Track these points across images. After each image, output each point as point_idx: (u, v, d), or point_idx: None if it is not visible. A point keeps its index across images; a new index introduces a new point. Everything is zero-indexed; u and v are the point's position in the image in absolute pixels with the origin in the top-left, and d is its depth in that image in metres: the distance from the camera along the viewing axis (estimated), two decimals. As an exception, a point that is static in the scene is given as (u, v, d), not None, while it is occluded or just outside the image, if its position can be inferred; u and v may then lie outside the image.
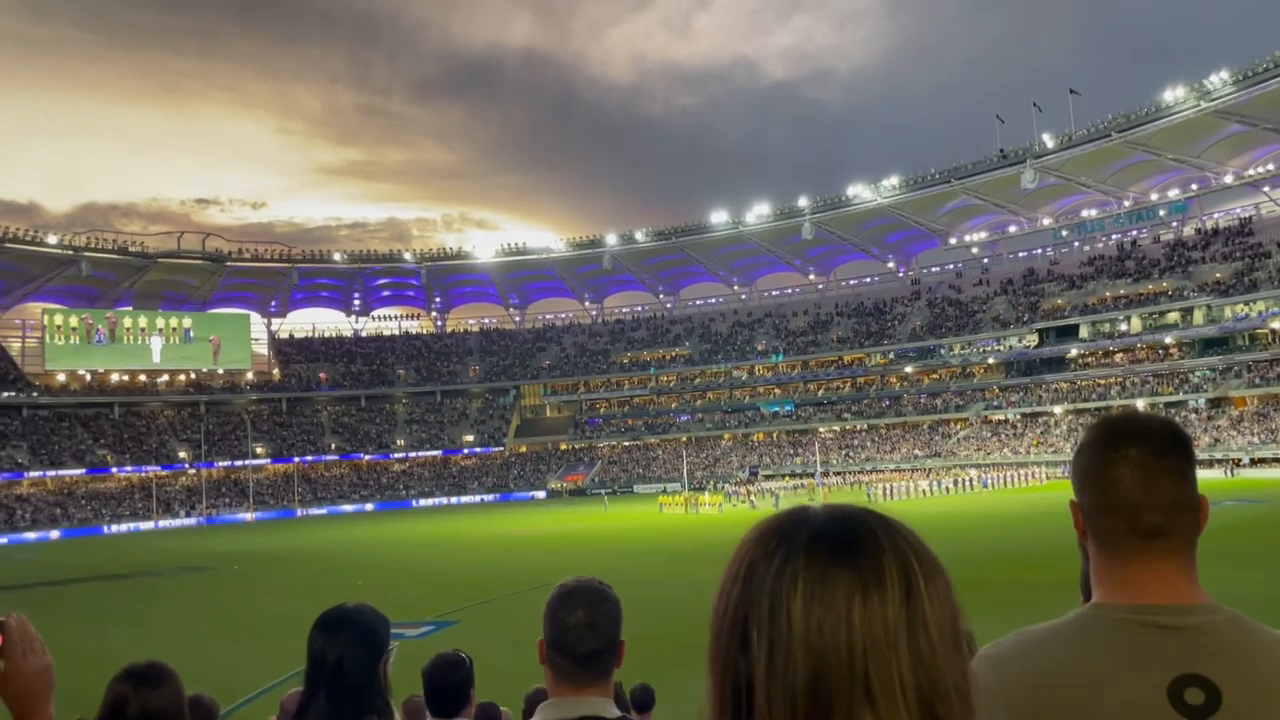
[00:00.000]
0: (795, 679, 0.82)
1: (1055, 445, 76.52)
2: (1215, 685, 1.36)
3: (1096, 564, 1.57)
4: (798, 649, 0.83)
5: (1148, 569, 1.49)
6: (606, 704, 2.19)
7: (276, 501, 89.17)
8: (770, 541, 0.90)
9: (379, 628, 2.38)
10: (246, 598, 31.20)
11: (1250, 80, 69.26)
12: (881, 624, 0.83)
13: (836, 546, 0.87)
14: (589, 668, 2.20)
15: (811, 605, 0.84)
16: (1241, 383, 70.60)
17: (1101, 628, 1.47)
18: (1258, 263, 74.08)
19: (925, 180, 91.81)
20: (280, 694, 6.76)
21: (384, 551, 44.14)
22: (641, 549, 37.12)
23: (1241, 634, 1.41)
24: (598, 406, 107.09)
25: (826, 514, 0.92)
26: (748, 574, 0.89)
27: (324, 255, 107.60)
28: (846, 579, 0.85)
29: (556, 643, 2.20)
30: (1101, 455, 1.55)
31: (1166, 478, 1.50)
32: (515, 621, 21.93)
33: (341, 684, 2.25)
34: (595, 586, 2.28)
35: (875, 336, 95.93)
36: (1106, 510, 1.53)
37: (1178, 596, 1.46)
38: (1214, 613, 1.44)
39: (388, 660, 2.38)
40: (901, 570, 0.86)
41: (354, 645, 2.30)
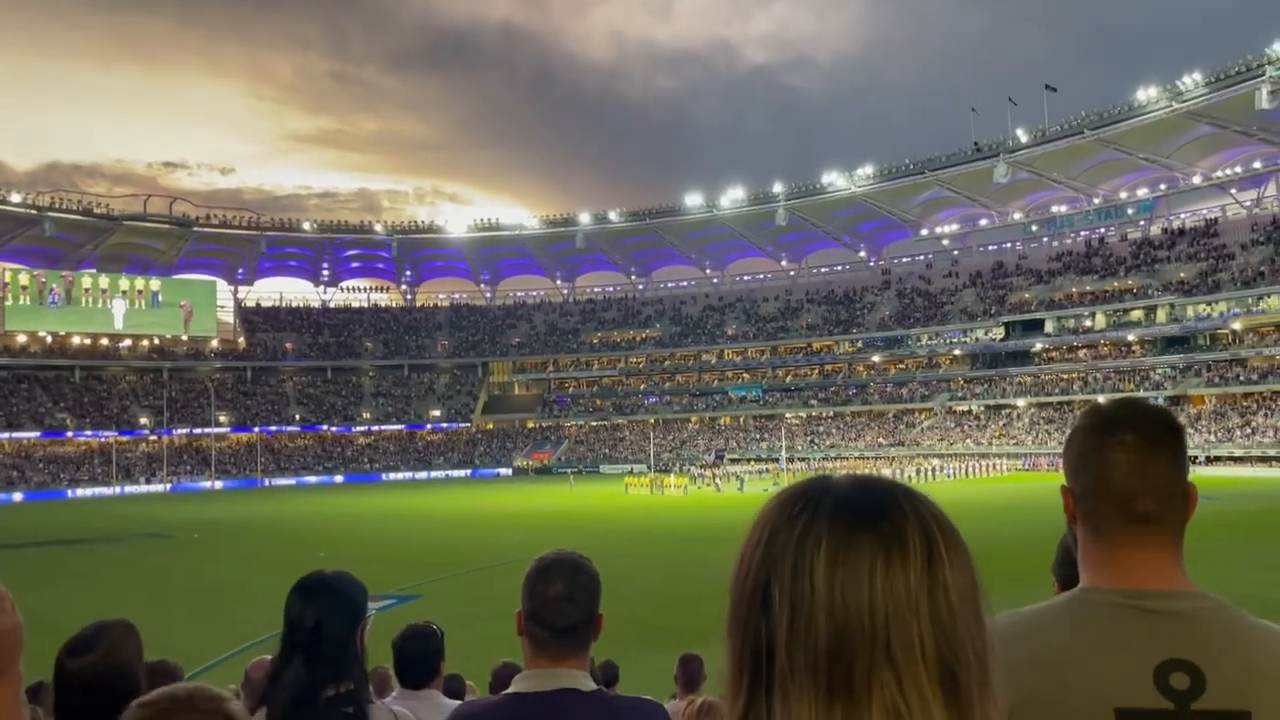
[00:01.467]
0: (817, 641, 0.84)
1: (1017, 438, 77.54)
2: (1200, 670, 1.38)
3: (1086, 548, 1.58)
4: (820, 611, 0.84)
5: (1138, 554, 1.51)
6: (583, 676, 2.21)
7: (239, 471, 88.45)
8: (794, 507, 0.91)
9: (357, 595, 2.39)
10: (206, 566, 30.98)
11: (1222, 83, 70.09)
12: (904, 588, 0.85)
13: (860, 512, 0.88)
14: (567, 640, 2.21)
15: (835, 569, 0.85)
16: (1201, 382, 71.80)
17: (1091, 610, 1.49)
18: (1221, 264, 75.24)
19: (899, 171, 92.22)
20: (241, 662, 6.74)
21: (347, 524, 43.94)
22: (606, 529, 37.23)
23: (1227, 621, 1.43)
24: (566, 386, 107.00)
25: (850, 482, 0.93)
26: (770, 538, 0.90)
27: (293, 224, 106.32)
28: (870, 544, 0.86)
29: (535, 615, 2.21)
30: (1096, 440, 1.56)
31: (1159, 464, 1.52)
32: (479, 597, 21.96)
33: (318, 649, 2.24)
34: (574, 559, 2.29)
35: (844, 325, 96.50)
36: (1099, 495, 1.54)
37: (1166, 582, 1.48)
38: (1200, 599, 1.46)
39: (364, 628, 2.38)
40: (924, 537, 0.88)
41: (332, 611, 2.30)
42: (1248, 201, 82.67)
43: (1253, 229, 77.04)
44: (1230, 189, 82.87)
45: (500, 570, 25.71)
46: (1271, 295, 69.19)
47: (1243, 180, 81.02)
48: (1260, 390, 68.55)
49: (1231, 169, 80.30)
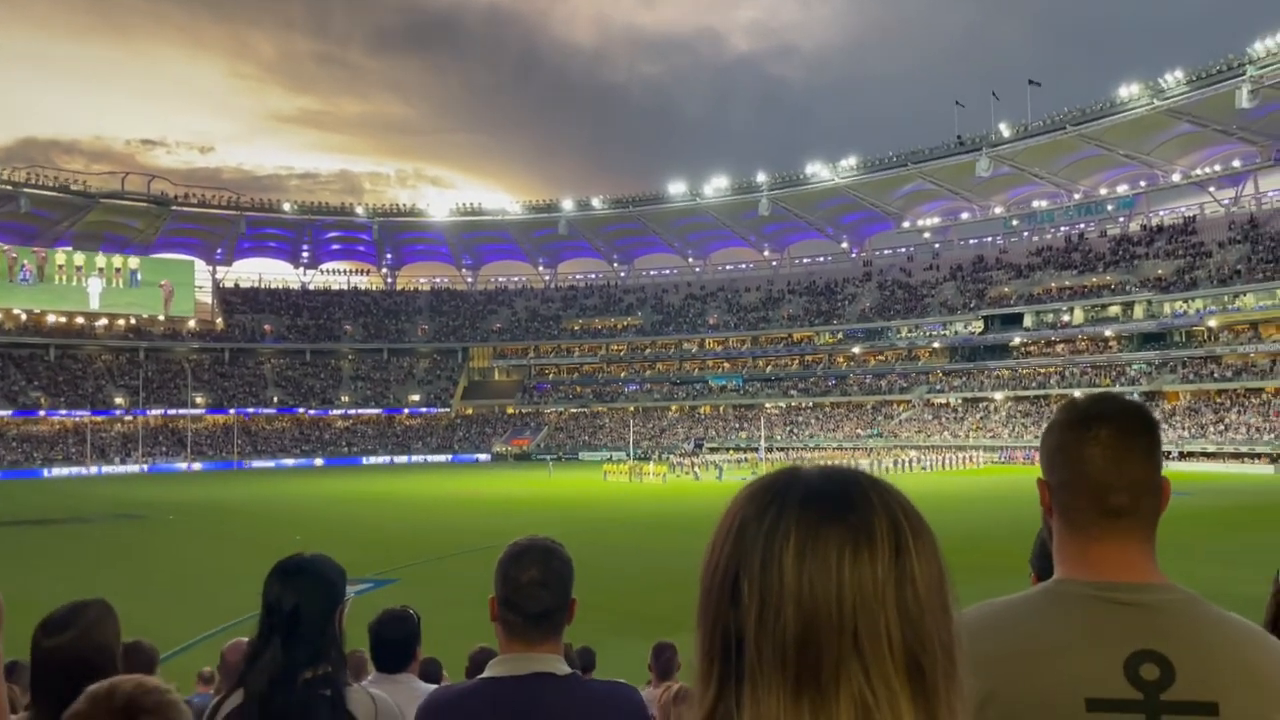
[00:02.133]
0: (785, 631, 0.84)
1: (994, 431, 78.11)
2: (1170, 661, 1.41)
3: (1060, 540, 1.60)
4: (788, 603, 0.85)
5: (1110, 547, 1.53)
6: (557, 661, 2.21)
7: (215, 452, 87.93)
8: (763, 498, 0.91)
9: (336, 579, 2.39)
10: (180, 547, 30.81)
11: (1203, 81, 70.58)
12: (871, 580, 0.85)
13: (828, 504, 0.89)
14: (540, 625, 2.22)
15: (803, 560, 0.85)
16: (1176, 378, 72.53)
17: (1064, 602, 1.51)
18: (1198, 261, 75.93)
19: (882, 163, 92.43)
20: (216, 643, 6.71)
21: (324, 507, 43.78)
22: (584, 516, 37.28)
23: (1196, 613, 1.47)
24: (547, 372, 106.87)
25: (819, 473, 0.93)
26: (739, 530, 0.90)
27: (273, 205, 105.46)
28: (838, 536, 0.86)
29: (509, 600, 2.22)
30: (1072, 434, 1.58)
31: (1134, 459, 1.54)
32: (455, 582, 21.94)
33: (296, 632, 2.24)
34: (548, 545, 2.30)
35: (825, 316, 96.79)
36: (1074, 488, 1.56)
37: (1138, 575, 1.51)
38: (1170, 591, 1.49)
39: (343, 611, 2.39)
40: (891, 529, 0.88)
41: (311, 594, 2.30)
42: (1226, 200, 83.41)
43: (1230, 227, 77.77)
44: (1209, 187, 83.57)
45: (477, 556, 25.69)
46: (1247, 293, 69.90)
47: (1221, 179, 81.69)
48: (1234, 387, 69.31)
49: (1211, 167, 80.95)
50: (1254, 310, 69.41)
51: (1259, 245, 73.19)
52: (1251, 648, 1.44)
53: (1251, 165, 78.11)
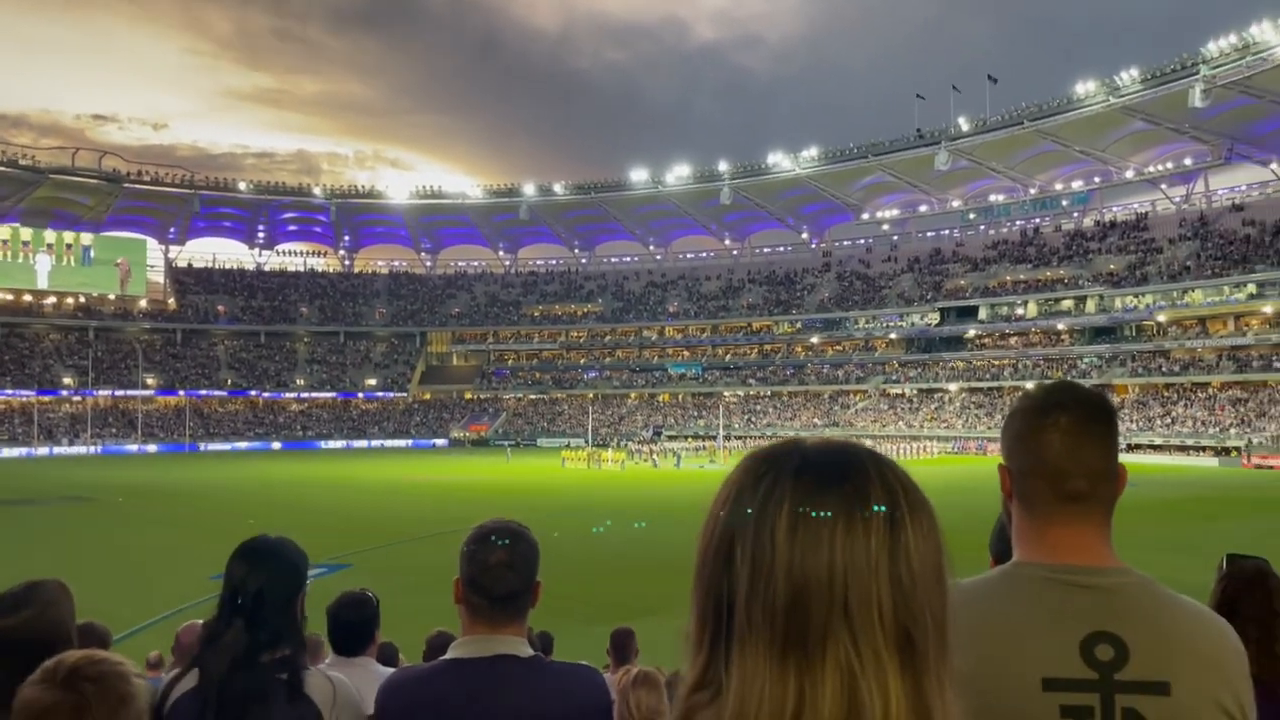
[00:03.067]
0: (775, 598, 0.85)
1: (948, 421, 79.16)
2: (1124, 642, 1.46)
3: (1020, 525, 1.64)
4: (780, 569, 0.86)
5: (1068, 531, 1.57)
6: (521, 643, 2.21)
7: (166, 434, 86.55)
8: (760, 467, 0.92)
9: (298, 562, 2.37)
10: (130, 531, 30.31)
11: (1157, 80, 71.78)
12: (864, 551, 0.86)
13: (824, 473, 0.90)
14: (505, 608, 2.22)
15: (796, 531, 0.87)
16: (1125, 371, 73.96)
17: (1023, 585, 1.55)
18: (1149, 257, 77.39)
19: (843, 154, 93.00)
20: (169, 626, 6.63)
21: (278, 491, 43.30)
22: (542, 502, 37.23)
23: (1149, 596, 1.51)
24: (506, 358, 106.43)
25: (818, 444, 0.95)
26: (736, 497, 0.91)
27: (228, 184, 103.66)
28: (833, 508, 0.87)
29: (474, 582, 2.21)
30: (1033, 421, 1.61)
31: (1092, 445, 1.58)
32: (410, 567, 21.83)
33: (259, 613, 2.22)
34: (514, 527, 2.29)
35: (784, 305, 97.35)
36: (1034, 474, 1.59)
37: (1094, 558, 1.55)
38: (1125, 575, 1.54)
39: (304, 596, 2.36)
40: (887, 500, 0.89)
41: (274, 576, 2.28)
42: (1177, 197, 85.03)
43: (1181, 224, 79.32)
44: (1161, 184, 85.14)
45: (433, 541, 25.57)
46: (1195, 289, 71.39)
47: (1173, 176, 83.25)
48: (1181, 381, 70.85)
49: (1163, 165, 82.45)
50: (1202, 306, 70.92)
51: (1208, 243, 74.75)
52: (1202, 629, 1.49)
53: (1203, 164, 79.66)
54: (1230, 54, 66.25)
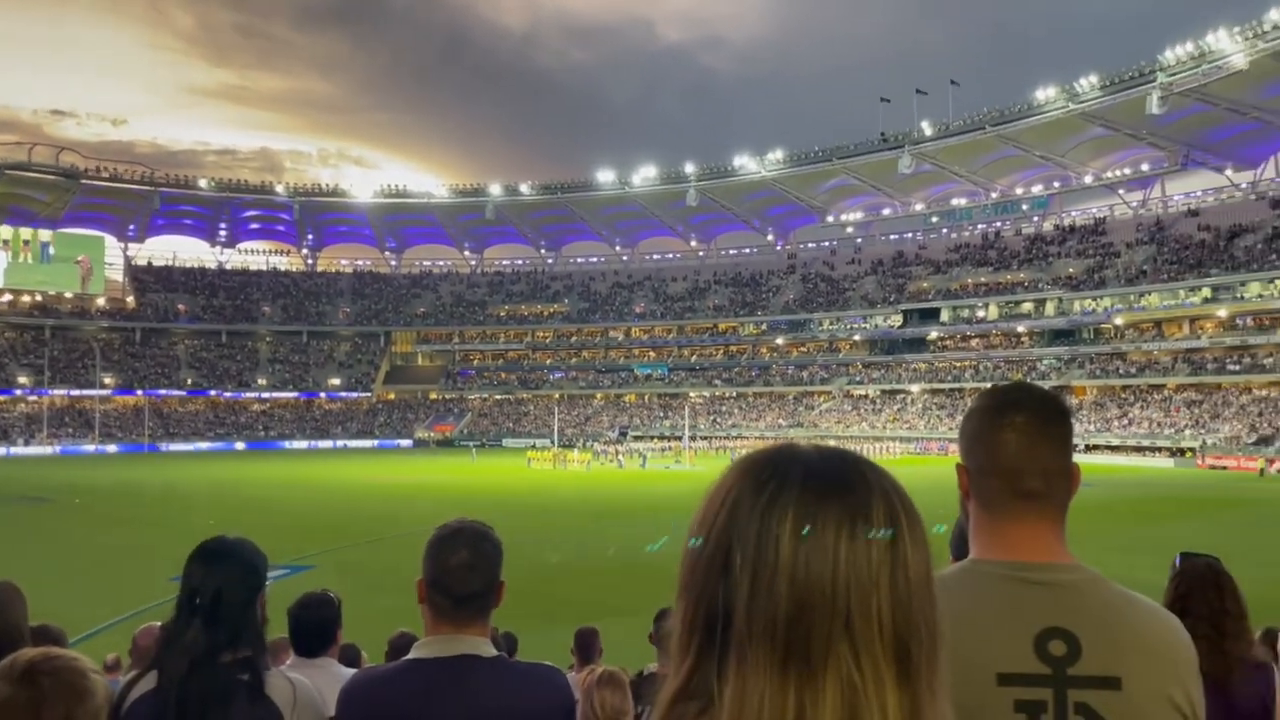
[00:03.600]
0: (778, 608, 0.84)
1: (910, 422, 79.89)
2: (1077, 638, 1.48)
3: (977, 523, 1.66)
4: (782, 579, 0.84)
5: (1023, 529, 1.59)
6: (484, 643, 2.21)
7: (124, 434, 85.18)
8: (761, 474, 0.90)
9: (258, 563, 2.34)
10: (89, 532, 29.81)
11: (1116, 87, 72.92)
12: (866, 561, 0.85)
13: (828, 484, 0.89)
14: (469, 608, 2.22)
15: (800, 540, 0.86)
16: (1084, 373, 75.06)
17: (979, 581, 1.57)
18: (1107, 261, 78.62)
19: (808, 157, 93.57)
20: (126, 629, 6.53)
21: (239, 492, 42.79)
22: (507, 502, 37.09)
23: (1102, 593, 1.54)
24: (471, 358, 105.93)
25: (818, 452, 0.93)
26: (735, 504, 0.89)
27: (190, 181, 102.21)
28: (836, 516, 0.86)
29: (437, 582, 2.21)
30: (990, 421, 1.64)
31: (1047, 445, 1.61)
32: (374, 568, 21.68)
33: (218, 614, 2.20)
34: (477, 528, 2.29)
35: (750, 307, 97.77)
36: (991, 473, 1.62)
37: (1048, 555, 1.58)
38: (1078, 572, 1.57)
39: (264, 596, 2.34)
40: (887, 512, 0.88)
41: (233, 577, 2.26)
42: (1135, 202, 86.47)
43: (1138, 229, 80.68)
44: (1119, 190, 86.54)
45: (396, 542, 25.40)
46: (1152, 293, 72.62)
47: (1130, 182, 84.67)
48: (1138, 383, 72.04)
49: (1121, 170, 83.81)
50: (1158, 310, 72.17)
51: (1164, 247, 76.07)
52: (1152, 626, 1.53)
53: (1160, 170, 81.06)
54: (1187, 62, 67.44)
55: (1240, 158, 78.58)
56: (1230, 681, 2.70)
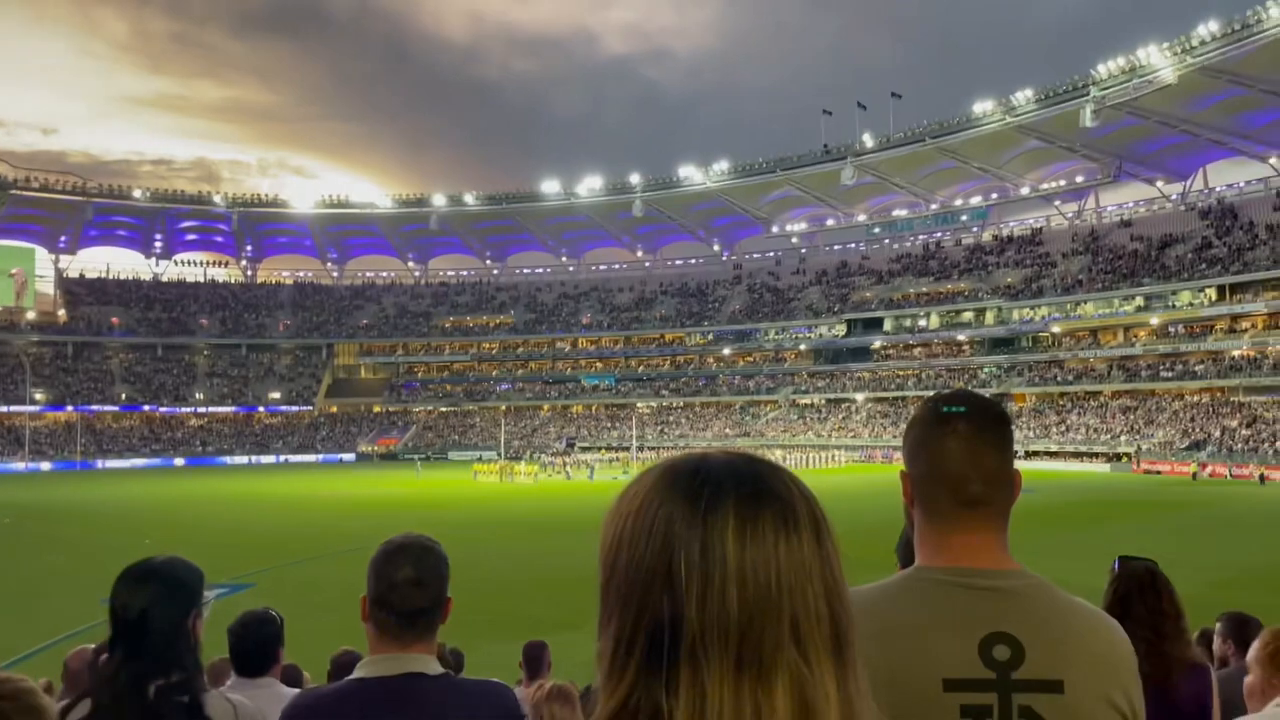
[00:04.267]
0: (729, 614, 0.86)
1: (855, 430, 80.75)
2: (1020, 642, 1.51)
3: (921, 530, 1.67)
4: (732, 585, 0.86)
5: (967, 535, 1.61)
6: (430, 661, 2.16)
7: (56, 452, 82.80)
8: (692, 484, 0.91)
9: (189, 581, 2.26)
10: (17, 553, 28.89)
11: (1050, 101, 74.69)
12: (800, 560, 0.89)
13: (758, 489, 0.91)
14: (415, 625, 2.16)
15: (745, 545, 0.87)
16: (1023, 381, 76.56)
17: (924, 588, 1.59)
18: (1045, 271, 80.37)
19: (753, 168, 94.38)
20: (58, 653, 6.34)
21: (176, 509, 41.81)
22: (453, 516, 36.74)
23: (1045, 598, 1.56)
24: (416, 370, 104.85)
25: (739, 459, 0.95)
26: (669, 516, 0.90)
27: (124, 191, 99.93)
28: (771, 520, 0.89)
29: (382, 599, 2.15)
30: (932, 429, 1.65)
31: (989, 452, 1.62)
32: (315, 586, 21.33)
33: (144, 639, 2.13)
34: (423, 543, 2.24)
35: (696, 317, 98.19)
36: (933, 480, 1.63)
37: (992, 562, 1.60)
38: (1022, 577, 1.58)
39: (199, 615, 2.27)
40: (810, 512, 0.93)
41: (160, 599, 2.18)
42: (1070, 213, 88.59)
43: (1073, 239, 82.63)
44: (1055, 201, 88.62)
45: (339, 559, 25.01)
46: (1087, 302, 74.39)
47: (1066, 193, 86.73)
48: (1075, 390, 73.68)
49: (1056, 182, 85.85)
50: (1094, 318, 73.94)
51: (1099, 257, 77.99)
52: (1094, 630, 1.56)
53: (1093, 181, 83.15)
54: (1118, 76, 69.32)
55: (1170, 170, 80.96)
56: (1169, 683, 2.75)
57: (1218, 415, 63.67)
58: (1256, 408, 62.14)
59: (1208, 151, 77.95)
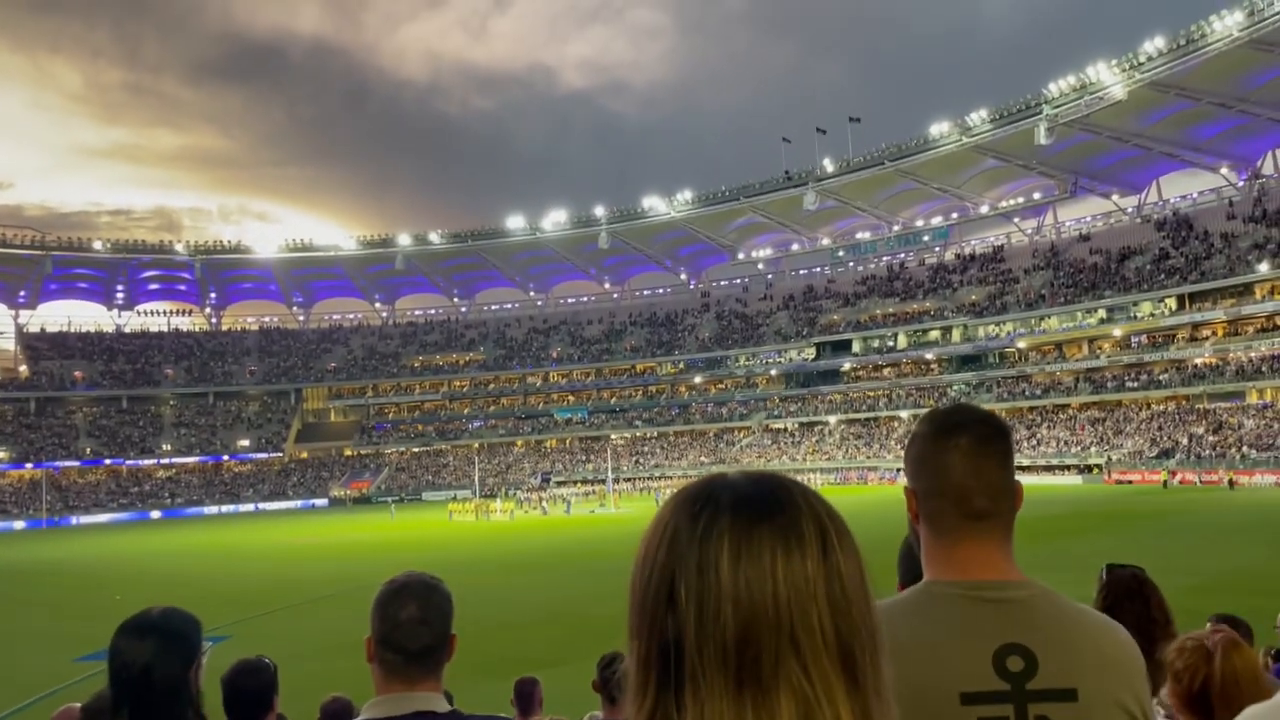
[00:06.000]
0: (725, 632, 0.86)
1: (829, 453, 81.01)
2: (1033, 652, 1.52)
3: (928, 545, 1.69)
4: (726, 603, 0.87)
5: (974, 548, 1.63)
6: (437, 699, 2.14)
7: (20, 510, 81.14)
8: (693, 505, 0.93)
9: (189, 632, 2.22)
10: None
11: (1004, 120, 76.03)
12: (803, 577, 0.88)
13: (758, 507, 0.92)
14: (421, 663, 2.14)
15: (739, 562, 0.88)
16: (991, 396, 77.21)
17: (935, 603, 1.60)
18: (1008, 287, 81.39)
19: (716, 197, 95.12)
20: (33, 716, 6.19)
21: (146, 564, 41.03)
22: (430, 559, 36.32)
23: (1053, 606, 1.58)
24: (386, 411, 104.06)
25: (746, 479, 0.96)
26: (672, 538, 0.92)
27: (83, 243, 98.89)
28: (770, 537, 0.89)
29: (387, 639, 2.13)
30: (935, 444, 1.67)
31: (992, 464, 1.64)
32: (293, 635, 20.98)
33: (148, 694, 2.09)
34: (426, 580, 2.23)
35: (666, 346, 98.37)
36: (939, 494, 1.65)
37: (1000, 573, 1.62)
38: (1029, 588, 1.60)
39: (199, 666, 2.23)
40: (817, 528, 0.92)
41: (162, 652, 2.14)
42: (1030, 230, 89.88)
43: (1034, 255, 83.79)
44: (1014, 218, 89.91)
45: (315, 606, 24.64)
46: (1051, 316, 75.38)
47: (1025, 210, 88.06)
48: (1043, 404, 74.44)
49: (1015, 199, 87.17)
50: (1058, 332, 74.90)
51: (1060, 271, 79.12)
52: (1102, 635, 1.58)
53: (1051, 197, 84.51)
54: (1070, 94, 70.73)
55: (1125, 183, 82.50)
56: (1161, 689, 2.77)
57: (1184, 423, 64.54)
58: (1221, 414, 63.08)
59: (1160, 164, 79.58)
